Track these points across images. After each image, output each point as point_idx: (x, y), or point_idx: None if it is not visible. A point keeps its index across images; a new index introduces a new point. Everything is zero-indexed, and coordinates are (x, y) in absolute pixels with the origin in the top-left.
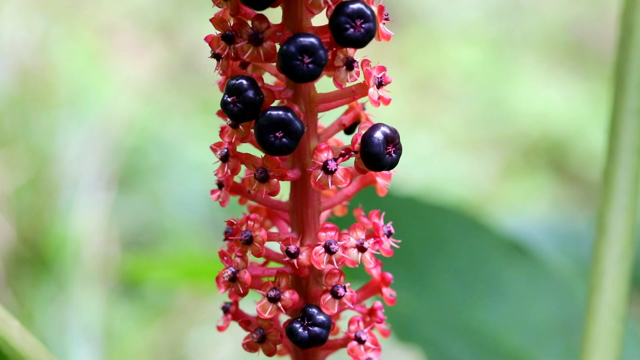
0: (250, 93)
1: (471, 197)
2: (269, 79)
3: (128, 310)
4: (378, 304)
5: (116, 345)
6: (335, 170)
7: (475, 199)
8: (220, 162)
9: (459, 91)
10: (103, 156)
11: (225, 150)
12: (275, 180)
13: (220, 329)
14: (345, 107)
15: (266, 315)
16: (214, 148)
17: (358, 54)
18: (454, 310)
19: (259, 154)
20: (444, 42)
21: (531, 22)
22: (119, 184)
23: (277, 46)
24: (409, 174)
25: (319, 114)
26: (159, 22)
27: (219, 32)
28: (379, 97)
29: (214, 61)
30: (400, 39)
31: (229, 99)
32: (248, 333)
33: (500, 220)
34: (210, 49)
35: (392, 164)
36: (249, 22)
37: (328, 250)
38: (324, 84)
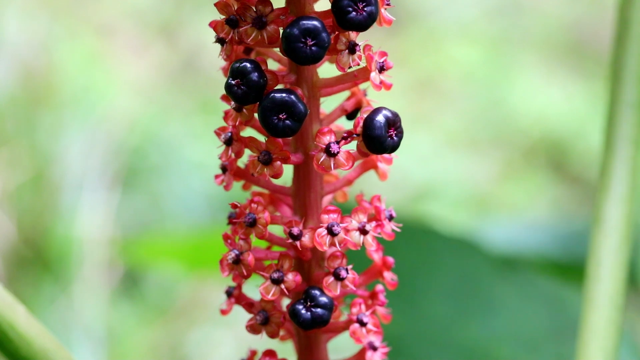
0: (254, 76)
1: (471, 197)
2: (272, 65)
3: (129, 310)
4: (379, 287)
5: (117, 346)
6: (338, 152)
7: (475, 199)
8: (224, 145)
9: (459, 91)
10: (105, 156)
11: (230, 133)
12: (278, 162)
13: (223, 312)
14: (347, 94)
15: (269, 297)
16: (218, 132)
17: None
18: (445, 328)
19: (262, 138)
20: (444, 42)
21: (531, 22)
22: (121, 184)
23: (281, 30)
24: (409, 174)
25: (321, 99)
26: (160, 22)
27: (223, 17)
28: (381, 82)
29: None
30: (400, 38)
31: (233, 82)
32: (251, 316)
33: (499, 224)
34: (214, 35)
35: (394, 147)
36: (253, 7)
37: (331, 232)
38: (326, 72)
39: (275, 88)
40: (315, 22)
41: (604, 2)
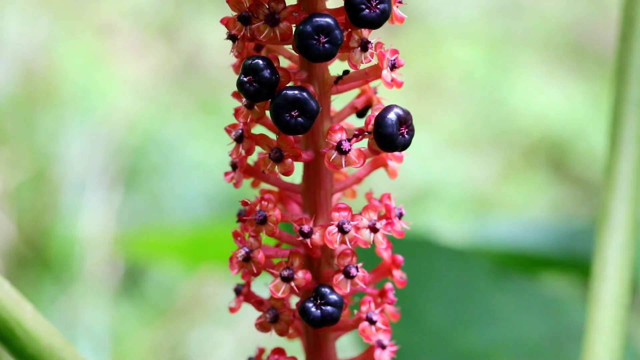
0: (267, 73)
1: (471, 198)
2: (283, 62)
3: (129, 310)
4: (389, 285)
5: (118, 345)
6: (349, 150)
7: (475, 199)
8: (234, 143)
9: (459, 91)
10: (105, 155)
11: (240, 131)
12: (289, 160)
13: (232, 310)
14: (357, 92)
15: (279, 295)
16: (229, 129)
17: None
18: (443, 337)
19: (273, 136)
20: (444, 42)
21: (531, 22)
22: (121, 184)
23: (293, 27)
24: (409, 174)
25: (332, 97)
26: (160, 22)
27: (235, 14)
28: (392, 79)
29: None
30: (400, 38)
31: (245, 79)
32: (261, 314)
33: (500, 222)
34: (226, 31)
35: (405, 145)
36: (266, 4)
37: (341, 229)
38: (337, 70)
39: (287, 85)
40: (329, 20)
41: (604, 2)
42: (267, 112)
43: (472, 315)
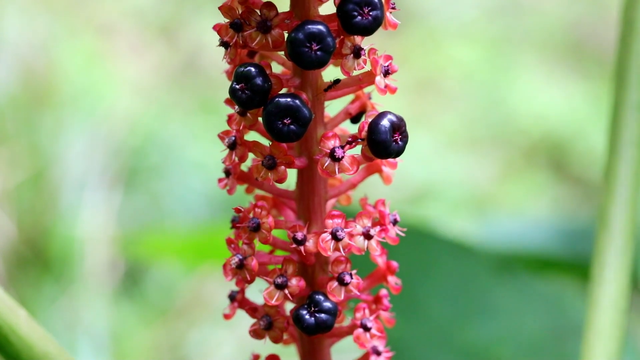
0: (259, 80)
1: (471, 198)
2: (276, 68)
3: (129, 310)
4: (383, 291)
5: (118, 345)
6: (342, 157)
7: (475, 199)
8: (227, 149)
9: (459, 91)
10: (105, 156)
11: (233, 137)
12: (282, 167)
13: (226, 316)
14: (351, 97)
15: (273, 302)
16: (222, 136)
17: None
18: (445, 330)
19: (266, 142)
20: (444, 42)
21: (531, 22)
22: (121, 184)
23: (286, 34)
24: (409, 175)
25: (326, 103)
26: (160, 22)
27: (227, 20)
28: (386, 86)
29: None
30: (400, 38)
31: (237, 86)
32: (255, 320)
33: (501, 221)
34: (218, 38)
35: (399, 152)
36: (258, 10)
37: (335, 237)
38: (330, 76)
39: (280, 92)
40: (321, 27)
41: (604, 2)
42: (260, 119)
43: (473, 308)
